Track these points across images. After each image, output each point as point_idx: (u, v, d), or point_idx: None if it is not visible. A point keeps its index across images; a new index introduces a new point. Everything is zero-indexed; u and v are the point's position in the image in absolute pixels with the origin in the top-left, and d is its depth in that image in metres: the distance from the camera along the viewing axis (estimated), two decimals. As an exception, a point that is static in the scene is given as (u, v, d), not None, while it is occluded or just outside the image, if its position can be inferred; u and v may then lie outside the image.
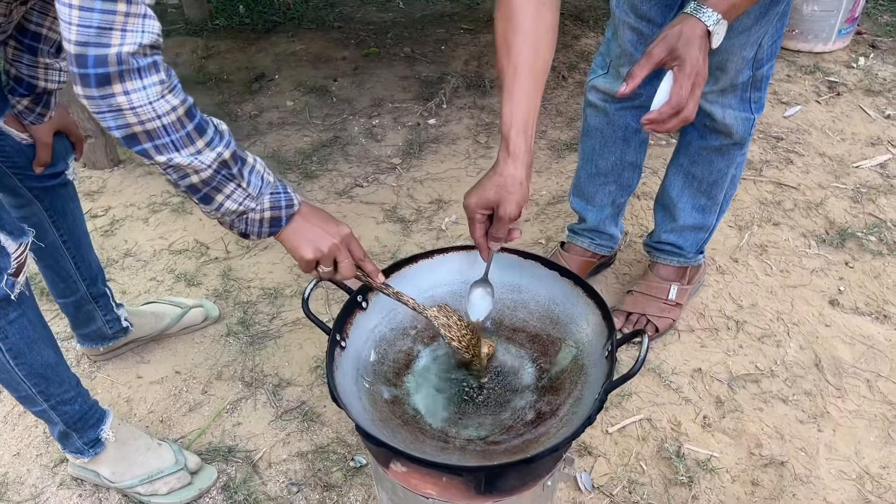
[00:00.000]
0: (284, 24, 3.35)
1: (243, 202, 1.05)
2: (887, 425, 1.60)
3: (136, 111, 0.89)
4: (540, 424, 1.21)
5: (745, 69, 1.48)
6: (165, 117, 0.92)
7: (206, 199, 1.02)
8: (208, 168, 0.98)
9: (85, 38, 0.84)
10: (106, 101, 0.88)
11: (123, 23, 0.85)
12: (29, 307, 1.27)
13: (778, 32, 1.47)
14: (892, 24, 3.19)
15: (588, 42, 3.08)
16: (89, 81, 0.86)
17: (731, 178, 1.68)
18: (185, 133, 0.94)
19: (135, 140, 0.92)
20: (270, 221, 1.10)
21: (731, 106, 1.55)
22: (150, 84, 0.89)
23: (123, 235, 2.17)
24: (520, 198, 1.19)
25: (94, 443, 1.44)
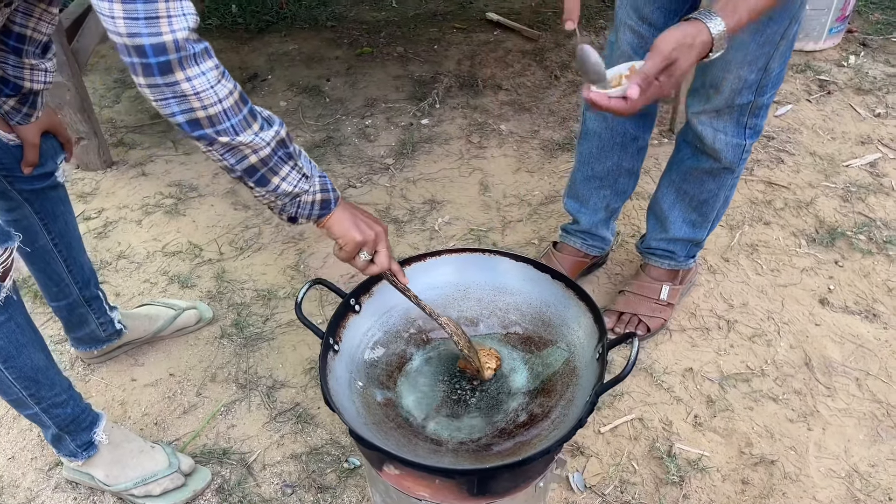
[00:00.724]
0: (277, 23, 3.35)
1: (297, 184, 1.08)
2: (876, 424, 1.61)
3: (200, 96, 0.92)
4: (532, 427, 1.22)
5: (744, 91, 1.46)
6: (225, 101, 0.95)
7: (262, 181, 1.05)
8: (267, 146, 1.01)
9: (135, 28, 0.87)
10: (171, 89, 0.91)
11: (167, 9, 0.88)
12: (17, 311, 1.27)
13: (784, 59, 1.46)
14: (884, 22, 3.21)
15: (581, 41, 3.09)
16: (152, 70, 0.90)
17: (723, 198, 1.68)
18: (243, 116, 0.98)
19: (197, 125, 0.95)
20: (321, 204, 1.14)
21: (724, 131, 1.54)
22: (208, 69, 0.93)
23: (117, 237, 2.17)
24: None
25: (87, 445, 1.45)
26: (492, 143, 2.52)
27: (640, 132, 1.72)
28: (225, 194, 2.31)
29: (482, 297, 1.43)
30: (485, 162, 2.43)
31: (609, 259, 2.04)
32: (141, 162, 2.48)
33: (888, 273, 1.98)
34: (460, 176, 2.37)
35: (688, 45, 1.09)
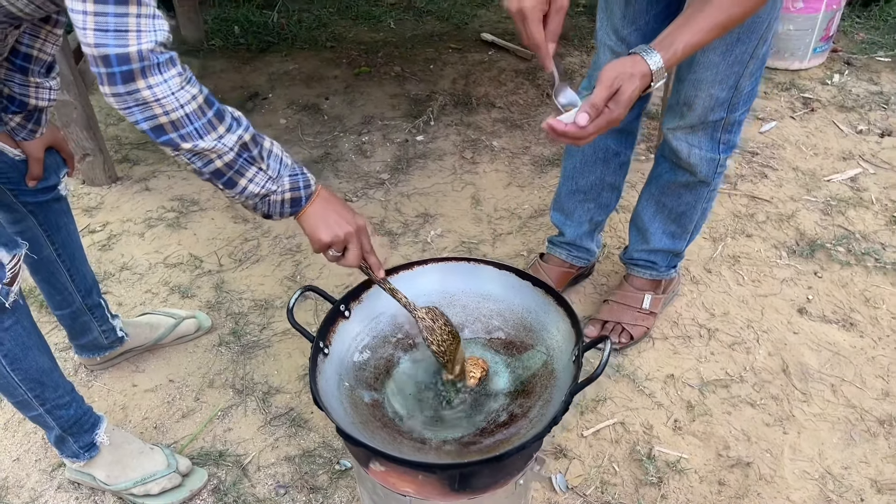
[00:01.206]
0: (278, 44, 3.45)
1: (265, 185, 1.12)
2: (850, 428, 1.67)
3: (161, 102, 0.97)
4: (511, 425, 1.28)
5: (717, 108, 1.54)
6: (188, 106, 1.00)
7: (229, 184, 1.09)
8: (230, 151, 1.05)
9: (104, 40, 0.92)
10: (132, 97, 0.96)
11: (136, 24, 0.93)
12: (23, 315, 1.35)
13: (756, 79, 1.53)
14: (867, 42, 3.29)
15: (572, 60, 3.18)
16: (115, 79, 0.95)
17: (701, 210, 1.75)
18: (207, 120, 1.02)
19: (161, 130, 0.99)
20: (291, 202, 1.17)
21: (699, 145, 1.61)
22: (170, 77, 0.97)
23: (120, 250, 2.24)
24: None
25: (89, 447, 1.51)
26: (484, 159, 2.60)
27: (621, 148, 1.80)
28: (225, 208, 2.39)
29: (467, 304, 1.49)
30: (477, 177, 2.51)
31: (595, 270, 2.11)
32: (144, 177, 2.56)
33: (865, 283, 2.05)
34: (453, 190, 2.44)
35: (629, 75, 1.16)
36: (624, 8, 1.55)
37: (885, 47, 3.24)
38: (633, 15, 1.56)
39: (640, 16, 1.55)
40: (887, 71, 3.07)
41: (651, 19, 1.55)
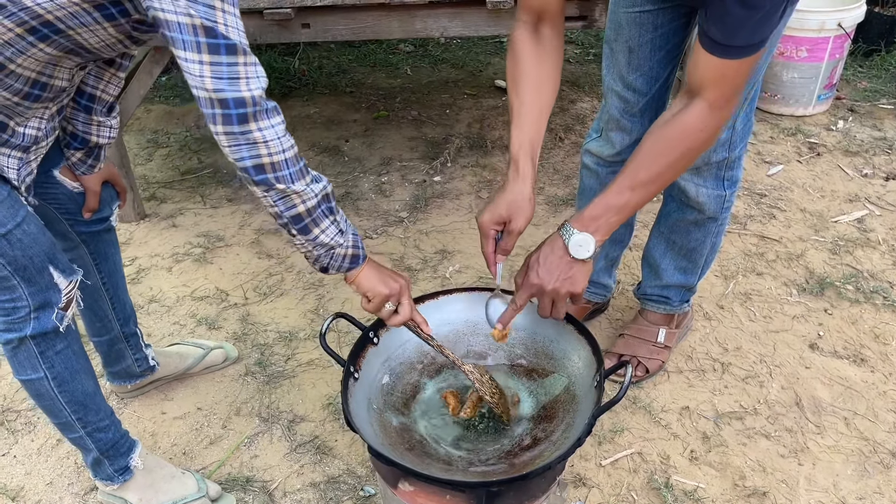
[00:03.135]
0: (300, 89, 3.58)
1: (334, 237, 1.24)
2: (864, 460, 1.71)
3: (268, 144, 1.09)
4: (535, 448, 1.33)
5: (718, 149, 1.62)
6: (288, 152, 1.12)
7: (304, 230, 1.21)
8: (315, 197, 1.17)
9: (221, 85, 1.04)
10: (244, 136, 1.08)
11: (245, 71, 1.06)
12: (74, 339, 1.42)
13: (748, 116, 1.62)
14: (870, 89, 3.40)
15: (583, 106, 3.29)
16: (232, 120, 1.06)
17: (710, 246, 1.82)
18: (299, 168, 1.15)
19: (261, 169, 1.11)
20: (352, 258, 1.29)
21: (705, 185, 1.68)
22: (277, 123, 1.10)
23: (149, 283, 2.32)
24: (528, 213, 1.35)
25: (123, 470, 1.56)
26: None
27: None
28: (250, 244, 2.47)
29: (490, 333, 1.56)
30: (493, 216, 2.59)
31: (610, 306, 2.17)
32: (172, 214, 2.65)
33: (875, 321, 2.10)
34: (470, 228, 2.52)
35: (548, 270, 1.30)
36: (628, 56, 1.63)
37: (888, 95, 3.34)
38: (637, 62, 1.63)
39: (644, 62, 1.63)
40: (890, 117, 3.17)
41: (655, 65, 1.63)
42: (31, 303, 1.30)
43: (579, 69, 3.68)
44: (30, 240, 1.26)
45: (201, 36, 1.02)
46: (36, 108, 1.24)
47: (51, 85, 1.23)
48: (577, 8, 2.25)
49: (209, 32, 1.02)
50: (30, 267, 1.27)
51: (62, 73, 1.23)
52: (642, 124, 1.78)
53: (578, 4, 2.24)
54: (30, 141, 1.27)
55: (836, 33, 2.98)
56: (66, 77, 1.27)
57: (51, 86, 1.23)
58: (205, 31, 1.02)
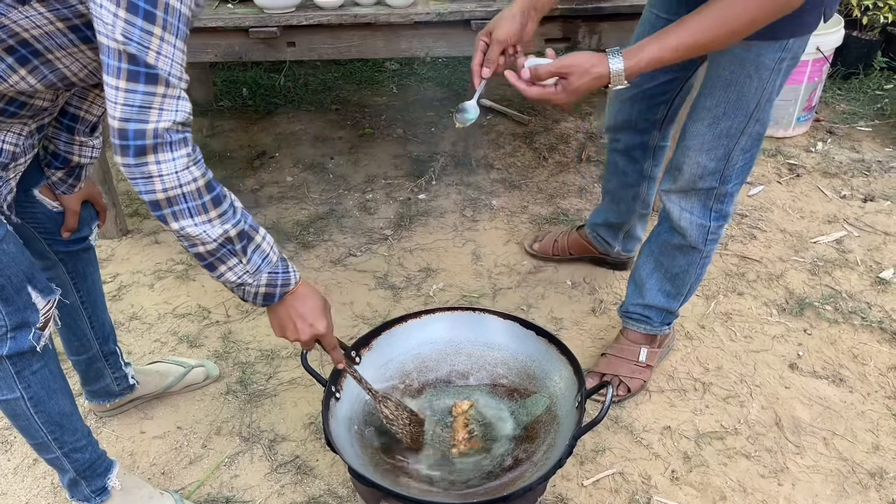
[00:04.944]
0: (285, 105, 3.59)
1: (241, 276, 1.21)
2: (842, 480, 1.72)
3: (163, 178, 1.06)
4: (516, 469, 1.33)
5: (707, 177, 1.63)
6: (186, 186, 1.08)
7: (209, 267, 1.20)
8: (213, 242, 1.14)
9: (128, 115, 1.02)
10: (139, 169, 1.05)
11: (161, 103, 1.03)
12: (51, 359, 1.40)
13: (750, 156, 1.63)
14: (848, 112, 3.45)
15: (567, 126, 3.32)
16: (128, 152, 1.04)
17: (695, 276, 1.83)
18: (202, 202, 1.11)
19: (157, 205, 1.09)
20: (264, 296, 1.27)
21: (691, 210, 1.70)
22: (179, 156, 1.06)
23: (130, 300, 2.30)
24: (510, 25, 1.45)
25: (101, 491, 1.54)
26: (484, 217, 2.69)
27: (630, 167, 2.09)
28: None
29: (472, 353, 1.56)
30: (477, 234, 2.60)
31: (591, 325, 2.18)
32: (154, 231, 2.64)
33: (853, 341, 2.12)
34: (454, 246, 2.53)
35: (584, 70, 1.34)
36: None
37: (866, 117, 3.40)
38: None
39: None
40: (868, 140, 3.22)
41: None
42: (8, 323, 1.28)
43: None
44: (8, 259, 1.24)
45: (124, 62, 1.00)
46: (11, 122, 1.23)
47: (30, 104, 1.22)
48: (560, 30, 2.27)
49: (132, 59, 1.00)
50: (7, 287, 1.26)
51: (45, 93, 1.22)
52: (629, 112, 1.92)
53: (562, 26, 2.27)
54: (7, 157, 1.26)
55: (814, 57, 3.03)
56: (49, 97, 1.26)
57: (30, 104, 1.22)
58: (129, 57, 1.00)
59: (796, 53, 1.49)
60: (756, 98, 1.52)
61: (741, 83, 1.50)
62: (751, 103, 1.53)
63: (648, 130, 1.96)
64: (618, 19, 2.26)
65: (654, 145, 2.00)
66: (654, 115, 1.91)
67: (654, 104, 1.89)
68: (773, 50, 1.45)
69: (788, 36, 1.43)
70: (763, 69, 1.48)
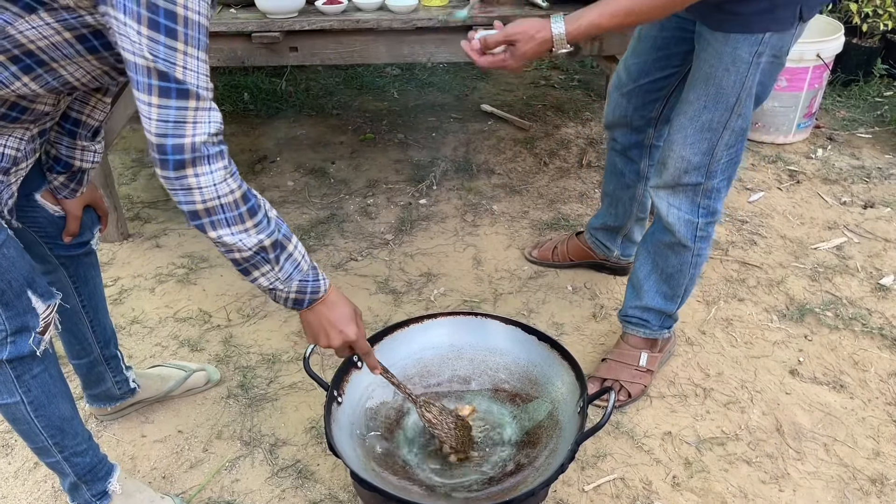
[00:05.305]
0: (286, 110, 3.59)
1: (273, 283, 1.25)
2: (843, 486, 1.72)
3: (202, 191, 1.09)
4: (518, 474, 1.33)
5: (691, 172, 1.65)
6: (224, 198, 1.11)
7: (244, 272, 1.24)
8: (249, 250, 1.18)
9: (164, 130, 1.04)
10: (179, 182, 1.08)
11: (194, 116, 1.05)
12: (51, 363, 1.40)
13: (735, 151, 1.65)
14: (848, 119, 3.46)
15: (568, 131, 3.33)
16: (168, 166, 1.07)
17: (689, 276, 1.84)
18: (238, 213, 1.14)
19: (196, 215, 1.12)
20: (294, 301, 1.30)
21: (679, 206, 1.71)
22: (216, 169, 1.09)
23: (131, 304, 2.30)
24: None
25: (101, 495, 1.54)
26: (485, 222, 2.70)
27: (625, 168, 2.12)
28: (230, 263, 2.46)
29: (474, 357, 1.56)
30: (478, 239, 2.61)
31: (592, 331, 2.18)
32: (155, 235, 2.64)
33: (854, 347, 2.12)
34: (455, 251, 2.53)
35: (529, 37, 1.41)
36: (636, 41, 1.84)
37: (866, 124, 3.41)
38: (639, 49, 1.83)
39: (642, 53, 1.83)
40: (868, 146, 3.23)
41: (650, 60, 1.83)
42: (8, 327, 1.29)
43: (564, 95, 3.72)
44: (9, 263, 1.25)
45: (154, 79, 1.02)
46: (13, 127, 1.23)
47: (31, 109, 1.22)
48: (562, 36, 2.28)
49: (162, 76, 1.02)
50: (8, 291, 1.26)
51: (47, 98, 1.23)
52: (625, 108, 1.95)
53: (563, 33, 2.27)
54: (9, 162, 1.26)
55: (815, 64, 3.04)
56: (51, 102, 1.27)
57: (31, 109, 1.23)
58: (158, 74, 1.02)
59: (778, 52, 1.52)
60: (735, 92, 1.55)
61: (719, 76, 1.54)
62: (730, 97, 1.56)
63: (644, 128, 1.97)
64: (619, 26, 2.27)
65: (649, 144, 2.01)
66: (650, 113, 1.93)
67: (650, 100, 1.90)
68: (749, 44, 1.48)
69: (762, 30, 1.46)
70: (740, 63, 1.51)
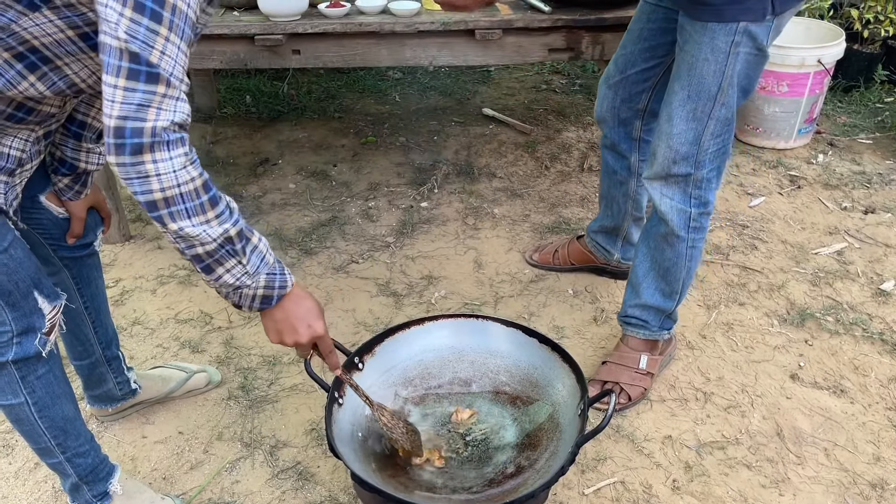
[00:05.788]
0: (288, 113, 3.60)
1: (240, 278, 1.17)
2: (843, 491, 1.72)
3: (160, 178, 1.03)
4: (518, 476, 1.34)
5: (680, 162, 1.68)
6: (184, 186, 1.05)
7: (207, 270, 1.15)
8: (213, 241, 1.10)
9: (125, 112, 1.00)
10: (135, 168, 1.02)
11: (160, 102, 1.01)
12: (55, 364, 1.41)
13: (721, 141, 1.67)
14: (849, 124, 3.47)
15: (569, 135, 3.33)
16: (124, 150, 1.01)
17: (686, 269, 1.84)
18: (200, 203, 1.08)
19: (154, 206, 1.05)
20: (262, 299, 1.23)
21: (671, 196, 1.74)
22: (176, 156, 1.04)
23: (132, 305, 2.31)
24: None
25: (102, 496, 1.54)
26: (486, 226, 2.70)
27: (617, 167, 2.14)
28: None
29: (475, 360, 1.57)
30: (479, 242, 2.61)
31: (593, 334, 2.18)
32: (157, 236, 2.65)
33: (854, 352, 2.12)
34: (456, 254, 2.54)
35: None
36: (626, 33, 1.88)
37: (867, 130, 3.42)
38: (627, 41, 1.87)
39: (629, 44, 1.87)
40: (869, 152, 3.24)
41: (636, 52, 1.86)
42: (15, 328, 1.29)
43: (565, 99, 3.73)
44: (16, 264, 1.25)
45: (125, 60, 0.99)
46: (19, 128, 1.24)
47: (37, 110, 1.23)
48: (564, 40, 2.29)
49: (133, 58, 0.98)
50: (14, 292, 1.26)
51: (53, 99, 1.23)
52: (613, 99, 1.97)
53: (566, 37, 2.28)
54: (14, 163, 1.27)
55: (816, 69, 3.05)
56: (57, 104, 1.27)
57: (37, 111, 1.23)
58: (130, 55, 0.98)
59: (758, 44, 1.54)
60: (717, 81, 1.57)
61: (701, 66, 1.57)
62: (712, 86, 1.58)
63: (631, 121, 1.99)
64: (620, 30, 2.27)
65: (637, 137, 2.02)
66: (637, 104, 1.95)
67: (637, 92, 1.92)
68: (725, 33, 1.51)
69: (733, 19, 1.49)
70: (718, 52, 1.54)
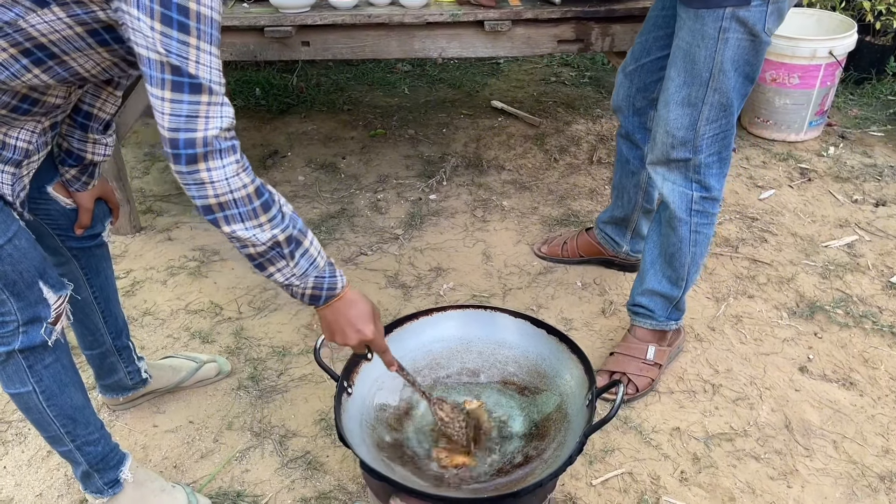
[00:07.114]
0: (297, 106, 3.61)
1: (289, 278, 1.25)
2: (852, 483, 1.72)
3: (214, 185, 1.09)
4: (526, 466, 1.34)
5: (678, 147, 1.69)
6: (236, 192, 1.11)
7: (260, 267, 1.23)
8: (263, 245, 1.17)
9: (176, 124, 1.05)
10: (192, 177, 1.08)
11: (206, 111, 1.06)
12: (63, 353, 1.42)
13: (719, 126, 1.67)
14: (861, 117, 3.45)
15: (578, 128, 3.32)
16: (180, 160, 1.07)
17: (690, 255, 1.84)
18: (252, 208, 1.14)
19: (209, 210, 1.12)
20: (311, 297, 1.30)
21: (673, 180, 1.76)
22: (228, 164, 1.09)
23: (143, 296, 2.32)
24: None
25: (113, 483, 1.56)
26: (494, 218, 2.70)
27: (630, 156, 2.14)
28: (245, 259, 2.48)
29: (483, 350, 1.57)
30: (487, 234, 2.61)
31: (601, 326, 2.18)
32: (167, 228, 2.66)
33: (864, 345, 2.12)
34: (464, 246, 2.54)
35: None
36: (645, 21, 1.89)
37: (878, 122, 3.39)
38: (644, 28, 1.87)
39: (645, 32, 1.86)
40: (880, 145, 3.21)
41: (650, 39, 1.85)
42: (20, 317, 1.30)
43: (574, 91, 3.72)
44: (20, 255, 1.26)
45: (167, 73, 1.03)
46: (24, 119, 1.25)
47: (42, 101, 1.24)
48: (573, 32, 2.28)
49: (175, 70, 1.02)
50: (19, 282, 1.28)
51: (58, 90, 1.24)
52: (628, 88, 1.98)
53: (575, 28, 2.28)
54: (21, 155, 1.28)
55: (827, 61, 3.03)
56: (62, 94, 1.28)
57: (42, 101, 1.24)
58: (171, 68, 1.02)
59: (750, 29, 1.54)
60: (707, 67, 1.59)
61: (693, 52, 1.59)
62: (703, 72, 1.60)
63: (646, 110, 1.99)
64: (630, 21, 2.27)
65: (651, 127, 2.02)
66: (651, 94, 1.95)
67: (651, 81, 1.92)
68: (713, 19, 1.53)
69: (717, 5, 1.51)
70: (707, 38, 1.56)
